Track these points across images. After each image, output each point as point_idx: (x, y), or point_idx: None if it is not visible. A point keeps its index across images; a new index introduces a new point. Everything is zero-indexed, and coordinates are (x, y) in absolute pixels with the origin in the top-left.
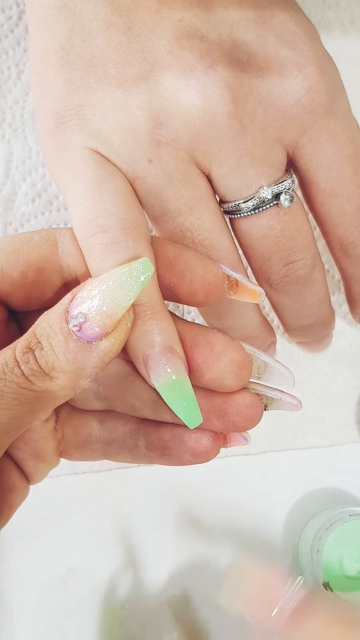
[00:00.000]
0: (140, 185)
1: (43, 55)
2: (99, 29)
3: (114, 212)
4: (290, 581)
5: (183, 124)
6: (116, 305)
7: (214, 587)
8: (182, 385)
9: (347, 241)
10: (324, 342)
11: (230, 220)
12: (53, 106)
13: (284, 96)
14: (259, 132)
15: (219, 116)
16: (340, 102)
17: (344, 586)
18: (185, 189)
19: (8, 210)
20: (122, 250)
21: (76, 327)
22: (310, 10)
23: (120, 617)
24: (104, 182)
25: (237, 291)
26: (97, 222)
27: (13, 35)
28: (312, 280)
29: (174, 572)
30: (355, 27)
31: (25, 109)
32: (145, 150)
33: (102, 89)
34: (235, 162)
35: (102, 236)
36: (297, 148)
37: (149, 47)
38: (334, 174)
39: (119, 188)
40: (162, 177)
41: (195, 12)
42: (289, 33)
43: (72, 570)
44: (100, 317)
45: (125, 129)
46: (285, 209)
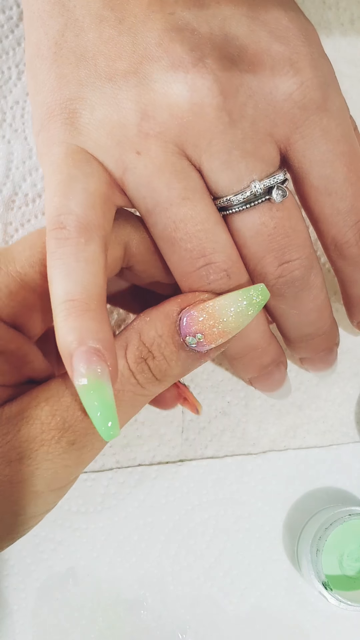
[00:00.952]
0: (131, 177)
1: (37, 51)
2: (91, 23)
3: (75, 211)
4: None
5: (171, 117)
6: (235, 327)
7: (214, 587)
8: (99, 391)
9: (341, 241)
10: (328, 359)
11: (224, 218)
12: (45, 100)
13: (275, 91)
14: (249, 125)
15: (207, 108)
16: (333, 98)
17: (344, 586)
18: (176, 180)
19: (8, 210)
20: (72, 247)
21: (194, 344)
22: (310, 10)
23: (121, 617)
24: (76, 181)
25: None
26: (59, 218)
27: (13, 36)
28: (309, 283)
29: (174, 572)
30: (355, 28)
31: (26, 109)
32: (133, 143)
33: (92, 83)
34: (226, 156)
35: (59, 232)
36: (289, 144)
37: (139, 39)
38: (327, 171)
39: (88, 189)
40: (151, 169)
41: (187, 5)
42: (282, 28)
43: (72, 570)
44: (220, 337)
45: (114, 122)
46: (278, 204)
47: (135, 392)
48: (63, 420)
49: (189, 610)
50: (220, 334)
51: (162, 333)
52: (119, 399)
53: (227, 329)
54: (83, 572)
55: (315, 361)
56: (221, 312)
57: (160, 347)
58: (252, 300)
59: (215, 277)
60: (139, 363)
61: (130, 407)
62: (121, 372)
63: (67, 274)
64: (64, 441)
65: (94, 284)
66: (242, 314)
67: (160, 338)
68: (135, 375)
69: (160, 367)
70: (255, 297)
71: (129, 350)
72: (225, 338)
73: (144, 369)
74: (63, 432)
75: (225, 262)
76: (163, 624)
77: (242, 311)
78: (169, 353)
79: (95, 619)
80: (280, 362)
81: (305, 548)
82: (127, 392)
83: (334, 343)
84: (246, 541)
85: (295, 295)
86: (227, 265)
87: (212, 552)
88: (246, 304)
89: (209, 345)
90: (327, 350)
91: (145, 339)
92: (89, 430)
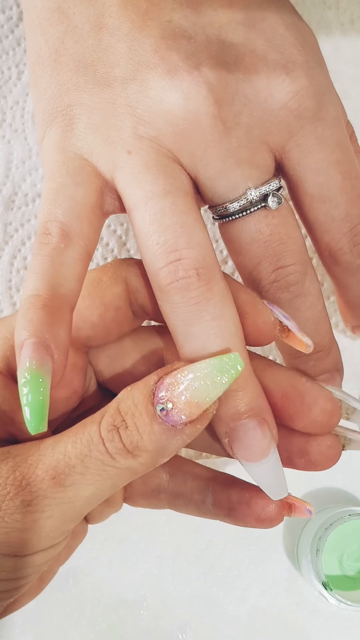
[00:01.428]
0: (120, 175)
1: (37, 59)
2: (90, 30)
3: (60, 219)
4: None
5: (167, 123)
6: (204, 397)
7: (214, 587)
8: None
9: (335, 248)
10: (332, 382)
11: (220, 227)
12: (46, 108)
13: (271, 99)
14: (244, 134)
15: (202, 116)
16: (328, 107)
17: (344, 586)
18: (163, 177)
19: (8, 210)
20: (51, 250)
21: (163, 412)
22: (310, 10)
23: (121, 617)
24: (65, 189)
25: (287, 337)
26: (45, 224)
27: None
28: (304, 290)
29: (174, 572)
30: (355, 28)
31: (26, 110)
32: (125, 143)
33: (90, 89)
34: (221, 164)
35: (43, 237)
36: (284, 152)
37: (136, 46)
38: (322, 179)
39: (76, 198)
40: (139, 166)
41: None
42: (278, 37)
43: (72, 570)
44: (188, 407)
45: (110, 125)
46: (273, 211)
47: (104, 461)
48: (22, 476)
49: (189, 610)
50: (188, 404)
51: (138, 402)
52: (83, 464)
53: (197, 398)
54: (83, 572)
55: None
56: (189, 378)
57: (134, 416)
58: (224, 368)
59: (184, 274)
60: (110, 431)
61: (98, 477)
62: (91, 437)
63: (39, 274)
64: (18, 500)
65: (62, 285)
66: (212, 382)
67: (135, 407)
68: (104, 443)
69: (131, 437)
70: (227, 366)
71: (105, 417)
72: (196, 409)
73: (114, 438)
74: (19, 490)
75: (198, 260)
76: (163, 624)
77: (212, 379)
78: (141, 424)
79: (95, 619)
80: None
81: (305, 548)
82: (93, 459)
83: (335, 368)
84: (246, 541)
85: (291, 302)
86: (199, 264)
87: (212, 552)
88: (217, 372)
89: (179, 417)
90: (328, 375)
91: (122, 407)
92: (51, 495)
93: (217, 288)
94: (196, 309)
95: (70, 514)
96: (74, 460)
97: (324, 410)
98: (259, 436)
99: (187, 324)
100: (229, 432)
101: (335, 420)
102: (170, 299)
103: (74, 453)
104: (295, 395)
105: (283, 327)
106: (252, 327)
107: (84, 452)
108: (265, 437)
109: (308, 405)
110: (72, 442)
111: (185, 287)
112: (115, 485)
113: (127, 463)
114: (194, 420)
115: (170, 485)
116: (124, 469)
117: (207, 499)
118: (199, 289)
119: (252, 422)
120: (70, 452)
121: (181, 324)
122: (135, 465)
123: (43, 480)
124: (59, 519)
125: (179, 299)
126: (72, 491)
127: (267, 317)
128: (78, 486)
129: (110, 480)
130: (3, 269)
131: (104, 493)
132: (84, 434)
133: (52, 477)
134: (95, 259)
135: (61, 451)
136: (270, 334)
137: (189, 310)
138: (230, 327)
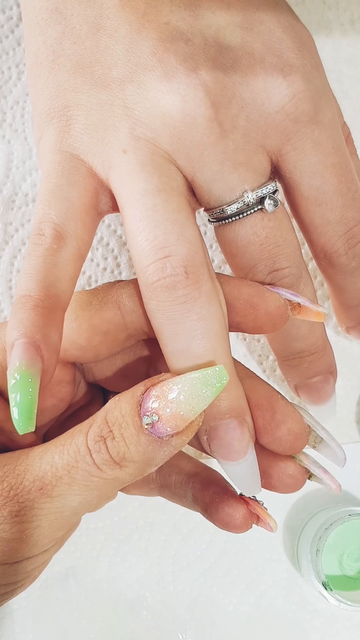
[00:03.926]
0: (115, 174)
1: (36, 59)
2: (88, 32)
3: (53, 220)
4: None
5: (164, 125)
6: (190, 410)
7: (214, 587)
8: (24, 383)
9: (330, 250)
10: (325, 389)
11: (216, 230)
12: (44, 108)
13: (268, 103)
14: (241, 137)
15: (199, 119)
16: (325, 110)
17: (344, 586)
18: (157, 175)
19: (8, 210)
20: (44, 250)
21: (149, 424)
22: (310, 10)
23: (121, 617)
24: (60, 190)
25: (300, 312)
26: (39, 225)
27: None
28: (299, 293)
29: (174, 572)
30: (355, 28)
31: (26, 110)
32: (122, 142)
33: (87, 90)
34: (218, 167)
35: (37, 237)
36: (280, 155)
37: (134, 48)
38: (318, 182)
39: (70, 199)
40: (134, 164)
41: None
42: (276, 40)
43: (72, 569)
44: (173, 419)
45: (107, 126)
46: (269, 214)
47: (90, 472)
48: (10, 486)
49: (189, 610)
50: (174, 417)
51: (125, 413)
52: (70, 475)
53: (181, 410)
54: (83, 572)
55: (311, 389)
56: (175, 391)
57: (121, 427)
58: (208, 381)
59: (171, 271)
60: (97, 442)
61: (84, 487)
62: (78, 448)
63: (31, 274)
64: (6, 510)
65: (54, 286)
66: (197, 395)
67: (123, 418)
68: (91, 454)
69: (118, 448)
70: (212, 379)
71: (92, 428)
72: (181, 422)
73: (101, 449)
74: (7, 500)
75: (187, 258)
76: (163, 624)
77: (197, 392)
78: (128, 435)
79: (95, 619)
80: (244, 419)
81: (305, 548)
82: (80, 470)
83: (329, 370)
84: (246, 541)
85: None
86: (188, 262)
87: (212, 552)
88: (202, 385)
89: (164, 429)
90: (321, 377)
91: (109, 418)
92: (38, 505)
93: (205, 288)
94: (182, 308)
95: (58, 523)
96: (61, 471)
97: (291, 430)
98: (239, 436)
99: (173, 323)
100: (209, 430)
101: (300, 444)
102: (157, 297)
103: (61, 464)
104: (267, 407)
105: (293, 305)
106: (266, 316)
107: (70, 463)
108: (244, 438)
109: (277, 421)
110: (60, 452)
111: (173, 285)
112: (102, 495)
113: (114, 474)
114: (180, 432)
115: (157, 477)
116: (110, 479)
117: (187, 493)
118: (187, 288)
119: (233, 422)
120: (57, 463)
121: (166, 323)
122: (122, 475)
123: (30, 491)
124: (47, 528)
125: (166, 297)
126: (59, 501)
127: (277, 301)
128: (65, 497)
129: (97, 491)
130: (3, 269)
131: (91, 502)
132: (72, 444)
133: (39, 488)
134: (95, 259)
135: (49, 462)
136: (284, 316)
137: (174, 309)
138: (216, 328)
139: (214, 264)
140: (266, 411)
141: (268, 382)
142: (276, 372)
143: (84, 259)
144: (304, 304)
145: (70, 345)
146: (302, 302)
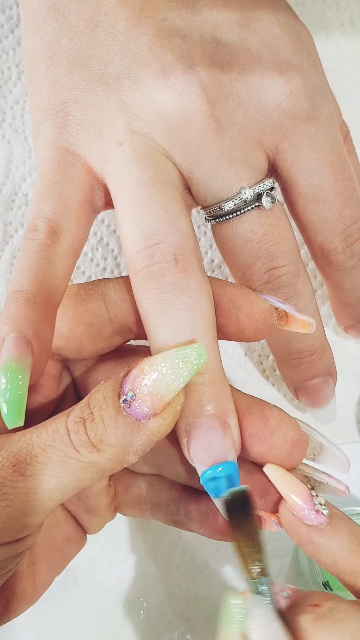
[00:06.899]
0: (110, 166)
1: (33, 56)
2: (85, 28)
3: (47, 216)
4: None
5: (160, 121)
6: (166, 388)
7: (214, 587)
8: (13, 377)
9: (328, 248)
10: (324, 390)
11: (213, 229)
12: (41, 105)
13: (265, 100)
14: (237, 133)
15: (196, 115)
16: (322, 108)
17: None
18: (153, 167)
19: (8, 210)
20: (37, 246)
21: (125, 403)
22: (310, 10)
23: (121, 617)
24: (55, 186)
25: (287, 322)
26: (34, 221)
27: (13, 36)
28: (297, 291)
29: (174, 572)
30: (355, 28)
31: (26, 109)
32: (117, 136)
33: (84, 86)
34: (215, 163)
35: (31, 233)
36: (277, 153)
37: (131, 44)
38: (315, 180)
39: (65, 195)
40: (130, 155)
41: (180, 12)
42: (273, 37)
43: (72, 570)
44: (149, 397)
45: (103, 120)
46: (267, 211)
47: (67, 453)
48: None
49: (189, 610)
50: (150, 394)
51: (106, 395)
52: (46, 454)
53: (157, 387)
54: (83, 572)
55: (310, 392)
56: (152, 367)
57: (101, 408)
58: (186, 358)
59: (160, 258)
60: (77, 422)
61: (60, 469)
62: (57, 428)
63: (24, 270)
64: None
65: (47, 281)
66: (174, 372)
67: (104, 400)
68: (69, 434)
69: (96, 430)
70: (190, 356)
71: (74, 410)
72: (158, 401)
73: (79, 430)
74: None
75: (177, 246)
76: (163, 624)
77: (173, 369)
78: (107, 416)
79: (95, 619)
80: (226, 421)
81: None
82: (56, 450)
83: (328, 372)
84: None
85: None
86: (179, 250)
87: (211, 552)
88: (179, 361)
89: (142, 409)
90: (321, 379)
91: (91, 400)
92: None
93: (195, 278)
94: (170, 296)
95: (30, 506)
96: (37, 449)
97: (287, 436)
98: (219, 438)
99: (159, 312)
100: (189, 429)
101: (298, 452)
102: (144, 284)
103: (37, 442)
104: (258, 415)
105: (280, 315)
106: (248, 319)
107: (47, 442)
108: (225, 442)
109: (271, 427)
110: (38, 432)
111: (161, 273)
112: (79, 481)
113: (92, 457)
114: (158, 414)
115: (149, 496)
116: (87, 462)
117: (180, 509)
118: (175, 276)
119: (214, 421)
120: (34, 442)
121: (153, 312)
122: (99, 460)
123: (3, 466)
124: (18, 510)
125: (153, 284)
126: (32, 481)
127: (261, 305)
128: (39, 477)
129: (73, 474)
130: (3, 268)
131: (67, 488)
132: (51, 424)
133: (12, 464)
134: (95, 258)
135: (26, 440)
136: (268, 323)
137: (162, 298)
138: (203, 320)
139: (214, 263)
140: (257, 417)
141: (268, 382)
142: (276, 372)
143: (78, 255)
144: (289, 311)
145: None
146: (288, 309)
